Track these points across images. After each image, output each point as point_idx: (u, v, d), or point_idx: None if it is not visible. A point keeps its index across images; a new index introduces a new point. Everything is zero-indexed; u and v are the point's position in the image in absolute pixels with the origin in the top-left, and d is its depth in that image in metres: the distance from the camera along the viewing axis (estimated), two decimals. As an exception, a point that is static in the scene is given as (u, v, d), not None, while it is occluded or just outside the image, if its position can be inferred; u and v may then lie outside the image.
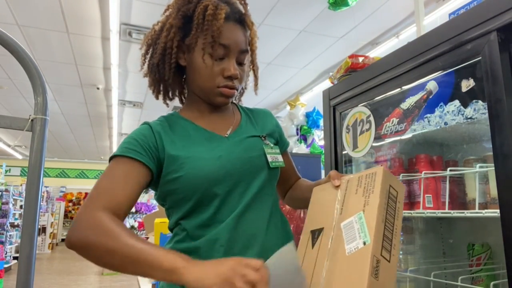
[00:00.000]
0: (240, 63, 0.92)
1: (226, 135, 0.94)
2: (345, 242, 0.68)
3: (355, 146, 1.40)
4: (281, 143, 1.06)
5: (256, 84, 1.04)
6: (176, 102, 1.05)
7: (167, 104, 1.04)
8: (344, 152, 1.49)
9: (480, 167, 1.06)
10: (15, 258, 7.57)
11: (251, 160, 0.91)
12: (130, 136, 0.88)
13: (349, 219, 0.71)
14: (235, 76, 0.89)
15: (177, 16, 0.90)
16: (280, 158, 0.97)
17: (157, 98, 1.01)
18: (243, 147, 0.93)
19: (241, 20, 0.92)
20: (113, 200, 0.78)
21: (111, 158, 0.85)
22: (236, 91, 0.93)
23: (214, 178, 0.85)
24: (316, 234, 0.79)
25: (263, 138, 0.97)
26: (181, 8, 0.90)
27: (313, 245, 0.76)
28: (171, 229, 0.94)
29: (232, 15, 0.90)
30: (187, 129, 0.93)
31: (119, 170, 0.82)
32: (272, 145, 0.98)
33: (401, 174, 1.32)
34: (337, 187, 0.85)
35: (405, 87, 1.22)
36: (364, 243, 0.64)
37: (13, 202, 7.80)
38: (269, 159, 0.93)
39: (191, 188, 0.84)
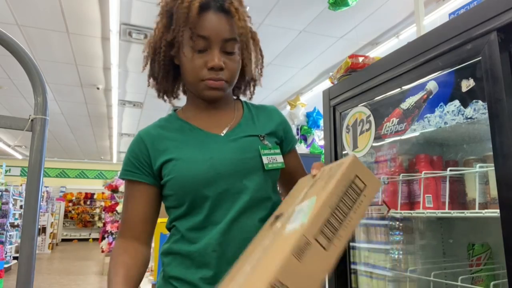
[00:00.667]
0: (229, 53, 0.87)
1: (222, 134, 0.92)
2: (289, 223, 0.66)
3: (355, 146, 1.40)
4: (286, 141, 1.01)
5: (251, 76, 0.98)
6: (178, 102, 1.06)
7: (172, 104, 1.03)
8: (344, 152, 1.49)
9: (480, 167, 1.06)
10: (15, 258, 7.57)
11: (244, 162, 0.87)
12: (126, 155, 0.94)
13: (304, 203, 0.69)
14: (217, 66, 0.85)
15: (163, 15, 0.93)
16: (279, 159, 0.92)
17: (158, 97, 1.02)
18: (238, 147, 0.89)
19: (223, 8, 0.87)
20: (129, 226, 0.90)
21: None
22: (225, 82, 0.88)
23: (203, 179, 0.84)
24: (275, 218, 0.79)
25: (261, 138, 0.93)
26: (165, 7, 0.93)
27: (270, 228, 0.76)
28: (168, 229, 0.95)
29: (213, 4, 0.86)
30: (183, 129, 0.93)
31: (126, 194, 0.92)
32: (271, 145, 0.93)
33: (401, 174, 1.32)
34: (314, 176, 0.82)
35: (405, 87, 1.22)
36: (301, 224, 0.61)
37: (13, 202, 7.80)
38: (265, 161, 0.88)
39: (181, 190, 0.85)
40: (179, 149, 0.88)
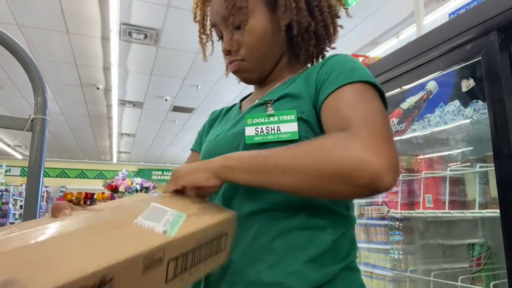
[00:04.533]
0: (239, 26, 0.73)
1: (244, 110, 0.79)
2: (143, 215, 0.52)
3: (355, 146, 1.41)
4: (321, 90, 0.65)
5: (298, 31, 0.74)
6: (176, 101, 1.05)
7: None
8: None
9: (480, 167, 1.06)
10: (15, 258, 7.56)
11: (228, 139, 0.71)
12: None
13: (164, 206, 0.56)
14: (224, 51, 0.76)
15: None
16: (286, 128, 0.64)
17: None
18: (240, 121, 0.73)
19: None
20: None
21: None
22: (242, 61, 0.74)
23: (202, 159, 0.75)
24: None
25: (268, 105, 0.70)
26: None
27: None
28: None
29: None
30: (232, 110, 0.87)
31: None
32: (274, 111, 0.67)
33: (401, 174, 1.32)
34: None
35: (405, 87, 1.22)
36: (164, 232, 0.49)
37: (13, 202, 7.80)
38: (248, 132, 0.66)
39: None
40: (212, 130, 0.85)
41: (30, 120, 1.22)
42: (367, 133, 0.53)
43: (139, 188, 7.58)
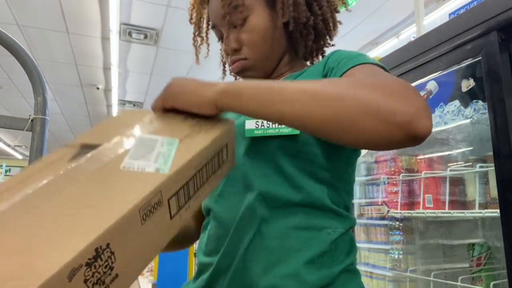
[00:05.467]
0: (240, 24, 0.71)
1: None
2: (129, 154, 0.46)
3: (355, 146, 1.41)
4: (333, 75, 0.63)
5: (294, 27, 0.72)
6: None
7: None
8: (344, 152, 1.49)
9: (480, 167, 1.06)
10: (15, 258, 7.57)
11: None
12: None
13: (153, 136, 0.51)
14: (225, 51, 0.74)
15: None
16: None
17: None
18: (241, 116, 0.69)
19: None
20: None
21: None
22: (244, 60, 0.72)
23: None
24: (85, 148, 0.50)
25: None
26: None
27: (71, 160, 0.47)
28: None
29: None
30: None
31: None
32: None
33: (401, 174, 1.32)
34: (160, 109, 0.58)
35: (405, 87, 1.22)
36: (157, 170, 0.44)
37: (13, 202, 7.79)
38: (248, 126, 0.63)
39: None
40: None
41: (30, 120, 1.22)
42: (393, 83, 0.48)
43: (139, 188, 7.56)
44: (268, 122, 0.62)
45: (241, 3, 0.70)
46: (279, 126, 0.61)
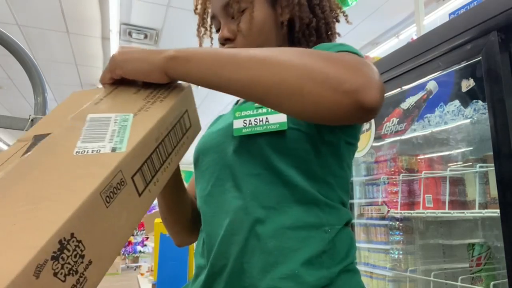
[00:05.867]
0: (236, 17, 0.71)
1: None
2: (81, 138, 0.44)
3: (355, 146, 1.40)
4: None
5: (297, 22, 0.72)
6: None
7: None
8: (344, 152, 1.48)
9: (480, 167, 1.06)
10: (15, 258, 7.57)
11: (218, 132, 0.67)
12: None
13: (105, 114, 0.48)
14: (220, 39, 0.73)
15: None
16: (275, 119, 0.60)
17: None
18: (231, 117, 0.69)
19: None
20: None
21: None
22: None
23: (194, 157, 0.72)
24: (37, 139, 0.46)
25: None
26: None
27: (24, 153, 0.44)
28: None
29: None
30: (228, 111, 0.84)
31: None
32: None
33: (401, 174, 1.32)
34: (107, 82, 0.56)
35: (405, 87, 1.22)
36: (114, 150, 0.42)
37: (13, 202, 7.79)
38: (236, 125, 0.62)
39: None
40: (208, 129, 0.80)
41: (30, 120, 1.22)
42: (350, 57, 0.48)
43: (139, 188, 7.57)
44: (256, 120, 0.61)
45: None
46: (266, 123, 0.60)
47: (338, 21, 0.80)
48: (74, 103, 0.52)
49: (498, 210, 0.85)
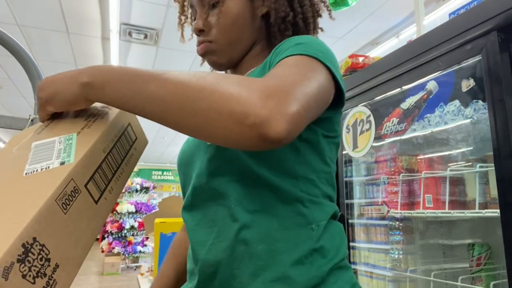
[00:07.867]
0: (213, 5, 0.70)
1: None
2: (28, 162, 0.46)
3: (355, 146, 1.40)
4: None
5: (272, 17, 0.71)
6: None
7: None
8: (344, 152, 1.49)
9: (480, 167, 1.06)
10: (15, 258, 7.56)
11: (196, 141, 0.67)
12: None
13: (48, 139, 0.50)
14: (194, 30, 0.72)
15: None
16: None
17: None
18: None
19: None
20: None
21: None
22: (210, 43, 0.70)
23: (177, 168, 0.73)
24: None
25: None
26: None
27: None
28: None
29: None
30: None
31: None
32: None
33: (401, 174, 1.32)
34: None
35: (405, 87, 1.22)
36: (62, 163, 0.45)
37: (13, 202, 7.79)
38: None
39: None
40: None
41: (30, 120, 1.22)
42: (273, 81, 0.47)
43: (139, 188, 7.58)
44: None
45: None
46: None
47: (320, 15, 0.78)
48: (16, 140, 0.55)
49: (498, 210, 0.85)
